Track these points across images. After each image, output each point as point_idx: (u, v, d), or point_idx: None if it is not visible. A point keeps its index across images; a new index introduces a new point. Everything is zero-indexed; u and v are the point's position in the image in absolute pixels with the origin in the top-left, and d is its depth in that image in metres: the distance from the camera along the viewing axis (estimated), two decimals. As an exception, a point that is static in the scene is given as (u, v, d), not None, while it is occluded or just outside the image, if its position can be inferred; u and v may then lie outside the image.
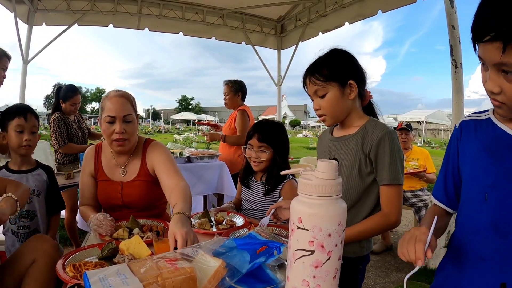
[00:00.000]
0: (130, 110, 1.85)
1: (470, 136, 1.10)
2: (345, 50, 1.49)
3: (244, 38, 6.02)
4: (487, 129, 1.05)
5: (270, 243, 1.19)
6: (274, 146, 2.04)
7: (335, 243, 0.83)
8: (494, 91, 0.89)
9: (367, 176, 1.45)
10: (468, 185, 1.08)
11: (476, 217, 1.02)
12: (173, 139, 16.39)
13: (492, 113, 1.08)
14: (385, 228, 1.45)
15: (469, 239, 1.04)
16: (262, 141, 2.02)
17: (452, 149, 1.18)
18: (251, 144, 2.07)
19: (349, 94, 1.45)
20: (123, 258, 1.26)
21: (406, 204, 4.16)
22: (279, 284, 1.08)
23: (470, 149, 1.08)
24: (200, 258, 1.08)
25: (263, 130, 2.06)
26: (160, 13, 5.20)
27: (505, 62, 0.82)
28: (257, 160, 2.04)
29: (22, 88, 4.55)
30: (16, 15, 4.29)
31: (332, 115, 1.49)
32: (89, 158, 1.97)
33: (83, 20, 4.90)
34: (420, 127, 30.79)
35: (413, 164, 4.18)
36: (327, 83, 1.43)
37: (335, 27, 5.09)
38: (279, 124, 2.21)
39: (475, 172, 1.05)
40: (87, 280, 0.92)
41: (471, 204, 1.05)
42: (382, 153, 1.39)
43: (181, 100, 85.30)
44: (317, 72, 1.44)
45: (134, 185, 1.90)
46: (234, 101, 4.08)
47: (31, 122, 2.01)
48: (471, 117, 1.14)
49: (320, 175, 0.84)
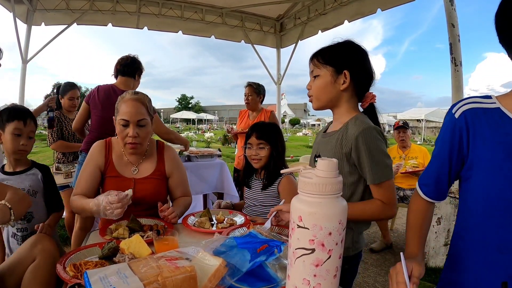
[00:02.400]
0: (144, 115, 1.88)
1: (484, 133, 0.96)
2: (358, 45, 1.48)
3: (244, 37, 6.01)
4: (504, 126, 0.93)
5: (270, 241, 1.19)
6: (272, 142, 2.13)
7: (335, 241, 0.83)
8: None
9: (350, 173, 1.43)
10: (486, 196, 0.96)
11: (502, 234, 0.92)
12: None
13: (498, 102, 0.98)
14: (382, 213, 1.40)
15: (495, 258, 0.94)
16: (260, 139, 2.12)
17: (454, 141, 1.02)
18: (251, 143, 2.16)
19: (341, 84, 1.44)
20: (123, 257, 1.25)
21: (406, 202, 4.16)
22: (280, 283, 1.09)
23: (488, 152, 0.95)
24: (201, 257, 1.08)
25: (261, 129, 2.18)
26: (159, 12, 5.19)
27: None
28: (257, 157, 2.12)
29: (21, 88, 4.54)
30: (15, 15, 4.29)
31: (317, 98, 1.50)
32: (98, 152, 1.96)
33: (82, 20, 4.89)
34: (420, 126, 30.79)
35: (412, 162, 4.19)
36: (323, 66, 1.46)
37: (334, 25, 5.09)
38: (274, 124, 2.32)
39: (499, 182, 0.92)
40: (87, 279, 0.92)
41: (498, 217, 0.94)
42: (361, 153, 1.37)
43: (181, 99, 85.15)
44: (320, 55, 1.47)
45: (147, 181, 1.94)
46: (256, 103, 4.18)
47: (30, 127, 1.99)
48: (476, 104, 1.00)
49: (320, 173, 0.84)
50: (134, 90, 1.97)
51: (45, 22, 4.73)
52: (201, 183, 3.81)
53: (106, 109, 2.96)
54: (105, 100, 3.00)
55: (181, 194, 2.06)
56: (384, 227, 4.08)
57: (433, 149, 1.13)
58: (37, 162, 2.14)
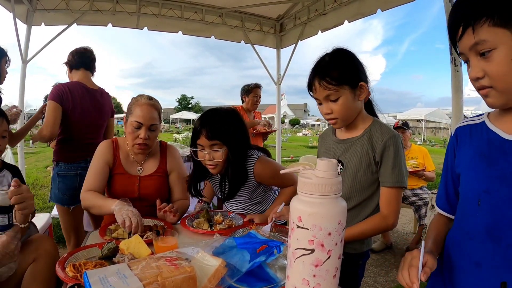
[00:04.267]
0: (156, 120, 2.00)
1: (466, 142, 1.11)
2: (349, 51, 1.47)
3: (243, 37, 6.01)
4: (481, 134, 1.06)
5: (270, 242, 1.20)
6: (229, 142, 1.77)
7: (335, 241, 0.83)
8: (479, 75, 0.93)
9: (372, 179, 1.47)
10: (463, 190, 1.09)
11: (471, 222, 1.02)
12: (173, 138, 16.39)
13: (486, 116, 1.08)
14: (382, 229, 1.47)
15: (464, 243, 1.05)
16: (212, 139, 1.75)
17: (449, 156, 1.18)
18: (201, 144, 1.78)
19: (359, 96, 1.44)
20: (123, 257, 1.25)
21: (406, 202, 4.17)
22: (279, 283, 1.08)
23: (466, 155, 1.08)
24: (200, 257, 1.08)
25: (212, 124, 1.76)
26: (159, 12, 5.18)
27: (478, 40, 0.90)
28: (212, 162, 1.78)
29: (21, 88, 4.53)
30: (15, 15, 4.28)
31: (344, 119, 1.46)
32: (107, 149, 2.05)
33: (82, 20, 4.87)
34: (420, 126, 30.82)
35: (412, 162, 4.18)
36: (339, 87, 1.39)
37: (334, 25, 5.07)
38: (230, 112, 1.88)
39: (469, 177, 1.05)
40: (87, 280, 0.92)
41: (466, 209, 1.06)
42: (387, 156, 1.40)
43: (181, 100, 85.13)
44: (328, 76, 1.39)
45: (151, 178, 2.07)
46: None
47: (2, 127, 1.93)
48: (467, 122, 1.14)
49: (320, 173, 0.84)
50: (149, 95, 2.03)
51: (45, 22, 4.72)
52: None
53: (86, 111, 2.81)
54: (86, 103, 2.83)
55: (179, 192, 2.13)
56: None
57: None
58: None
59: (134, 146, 1.97)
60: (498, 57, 0.89)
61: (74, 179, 2.78)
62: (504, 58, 0.88)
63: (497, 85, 0.92)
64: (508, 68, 0.88)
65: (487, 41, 0.89)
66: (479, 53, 0.92)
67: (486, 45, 0.90)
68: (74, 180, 2.78)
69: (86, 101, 2.82)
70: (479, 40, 0.90)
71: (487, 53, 0.90)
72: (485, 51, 0.90)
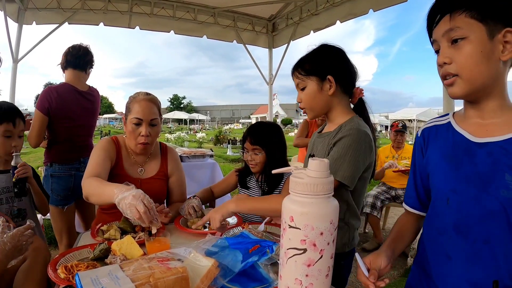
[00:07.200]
0: (156, 115, 1.95)
1: (432, 143, 1.15)
2: (333, 46, 1.51)
3: (236, 37, 6.00)
4: (447, 135, 1.10)
5: (262, 242, 1.20)
6: (267, 147, 2.05)
7: (327, 241, 0.84)
8: (446, 61, 0.98)
9: None
10: (433, 189, 1.13)
11: (441, 219, 1.08)
12: (165, 138, 16.35)
13: (452, 116, 1.13)
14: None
15: (436, 238, 1.09)
16: (254, 144, 2.06)
17: (417, 157, 1.21)
18: (246, 148, 2.12)
19: (328, 89, 1.47)
20: (115, 258, 1.25)
21: (397, 201, 4.20)
22: (272, 283, 1.09)
23: (433, 156, 1.12)
24: (193, 258, 1.08)
25: (255, 133, 2.10)
26: (151, 12, 5.16)
27: (452, 26, 0.94)
28: (253, 162, 2.08)
29: (12, 87, 4.48)
30: (6, 13, 4.23)
31: (311, 108, 1.53)
32: (109, 146, 1.95)
33: (73, 19, 4.83)
34: (412, 126, 31.02)
35: (404, 162, 4.21)
36: (307, 77, 1.48)
37: (326, 25, 5.09)
38: (272, 125, 2.22)
39: (438, 178, 1.10)
40: (79, 281, 0.91)
41: (437, 207, 1.11)
42: (337, 145, 1.40)
43: (173, 99, 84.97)
44: (300, 67, 1.50)
45: (152, 181, 2.02)
46: None
47: (20, 127, 1.99)
48: (432, 123, 1.19)
49: (311, 173, 0.85)
50: (146, 92, 1.99)
51: (36, 21, 4.67)
52: (192, 183, 3.81)
53: (77, 114, 2.80)
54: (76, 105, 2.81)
55: (178, 196, 2.13)
56: (376, 226, 4.11)
57: None
58: (27, 162, 2.11)
59: (137, 146, 1.92)
60: (468, 46, 0.94)
61: (68, 179, 2.79)
62: (473, 48, 0.93)
63: (462, 73, 0.96)
64: (476, 59, 0.93)
65: (461, 28, 0.93)
66: (451, 40, 0.96)
67: (459, 32, 0.94)
68: (69, 181, 2.79)
69: (75, 104, 2.81)
70: (454, 26, 0.94)
71: (459, 41, 0.95)
72: (457, 37, 0.95)
